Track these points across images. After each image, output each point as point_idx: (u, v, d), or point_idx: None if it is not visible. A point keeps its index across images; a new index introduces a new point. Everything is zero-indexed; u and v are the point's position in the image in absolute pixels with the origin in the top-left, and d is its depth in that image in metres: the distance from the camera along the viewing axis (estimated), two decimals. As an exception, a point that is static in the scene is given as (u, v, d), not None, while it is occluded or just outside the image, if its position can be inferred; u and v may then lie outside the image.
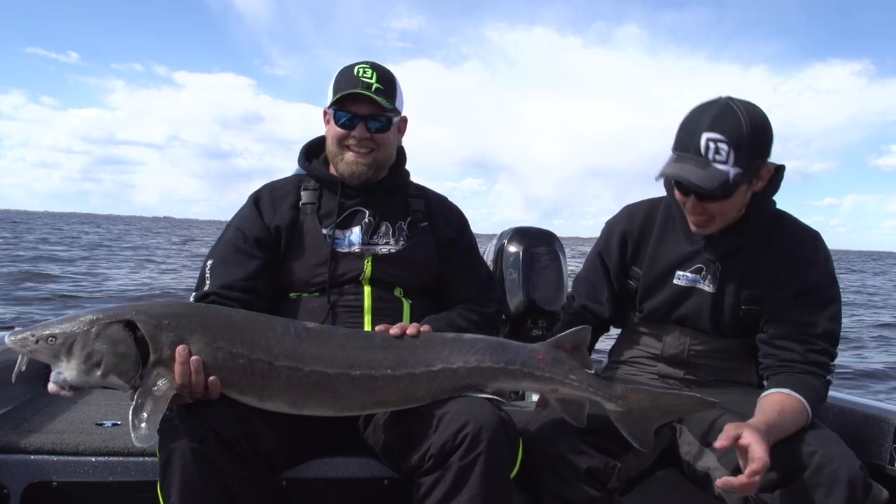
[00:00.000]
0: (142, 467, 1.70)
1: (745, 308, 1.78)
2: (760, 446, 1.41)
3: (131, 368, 1.40)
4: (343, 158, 1.85)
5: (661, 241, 1.88)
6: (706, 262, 1.81)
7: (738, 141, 1.60)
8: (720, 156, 1.60)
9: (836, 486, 1.48)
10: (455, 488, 1.45)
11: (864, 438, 1.91)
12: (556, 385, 1.59)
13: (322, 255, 1.82)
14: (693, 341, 1.86)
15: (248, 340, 1.46)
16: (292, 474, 1.68)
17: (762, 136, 1.65)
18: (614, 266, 1.94)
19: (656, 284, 1.87)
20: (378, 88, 1.80)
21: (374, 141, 1.83)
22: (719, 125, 1.61)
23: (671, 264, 1.85)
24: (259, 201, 1.89)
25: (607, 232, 1.98)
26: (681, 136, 1.68)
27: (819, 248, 1.77)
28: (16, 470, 1.68)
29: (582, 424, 1.60)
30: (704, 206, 1.69)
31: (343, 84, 1.82)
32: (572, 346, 1.63)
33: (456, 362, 1.55)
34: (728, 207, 1.69)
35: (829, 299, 1.73)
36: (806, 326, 1.69)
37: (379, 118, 1.83)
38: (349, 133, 1.83)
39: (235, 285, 1.75)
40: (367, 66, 1.83)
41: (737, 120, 1.61)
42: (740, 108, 1.63)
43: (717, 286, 1.80)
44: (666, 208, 1.89)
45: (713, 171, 1.60)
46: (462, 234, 2.00)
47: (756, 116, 1.63)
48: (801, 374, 1.66)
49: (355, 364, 1.50)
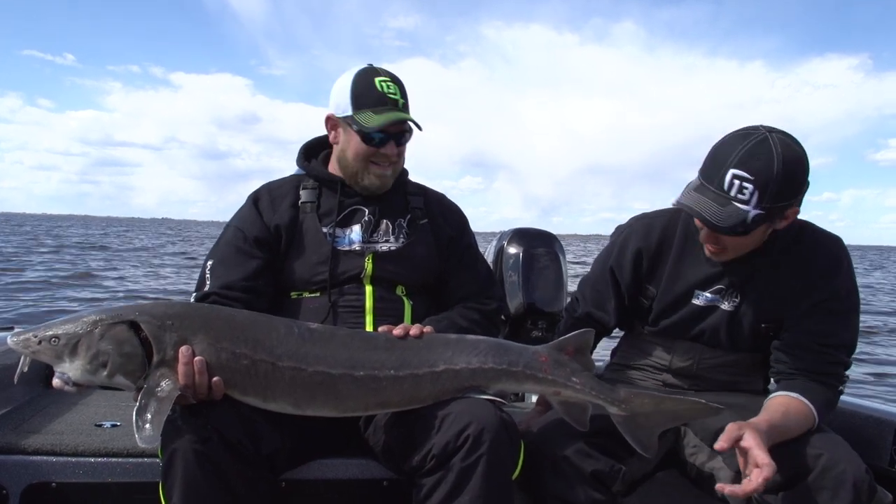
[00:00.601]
0: (141, 468, 1.69)
1: (766, 326, 1.75)
2: (763, 451, 1.39)
3: (137, 369, 1.39)
4: (369, 172, 1.84)
5: (681, 261, 1.82)
6: (727, 283, 1.77)
7: (766, 184, 1.51)
8: (743, 195, 1.52)
9: (841, 489, 1.47)
10: (456, 489, 1.45)
11: (865, 440, 1.91)
12: (558, 388, 1.59)
13: (323, 253, 1.81)
14: (704, 356, 1.84)
15: (252, 341, 1.46)
16: (292, 475, 1.67)
17: (793, 179, 1.53)
18: (626, 282, 1.89)
19: (674, 304, 1.83)
20: (403, 104, 1.81)
21: (399, 155, 1.86)
22: (748, 164, 1.51)
23: (691, 284, 1.80)
24: (258, 201, 1.89)
25: (621, 245, 1.90)
26: (707, 166, 1.59)
27: (841, 255, 1.73)
28: (15, 471, 1.67)
29: (585, 428, 1.59)
30: (718, 238, 1.65)
31: (369, 99, 1.77)
32: (575, 348, 1.62)
33: (459, 363, 1.55)
34: (744, 242, 1.65)
35: (848, 308, 1.70)
36: (822, 335, 1.67)
37: (405, 134, 1.84)
38: (377, 150, 1.81)
39: (236, 285, 1.75)
40: (388, 81, 1.79)
41: (769, 159, 1.51)
42: (776, 146, 1.51)
43: (735, 304, 1.77)
44: (685, 224, 1.83)
45: (731, 209, 1.53)
46: (462, 232, 2.00)
47: (791, 157, 1.52)
48: (813, 381, 1.65)
49: (359, 365, 1.50)
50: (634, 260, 1.86)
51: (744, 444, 1.42)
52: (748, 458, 1.41)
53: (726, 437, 1.43)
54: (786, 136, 1.55)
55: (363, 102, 1.78)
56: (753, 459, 1.40)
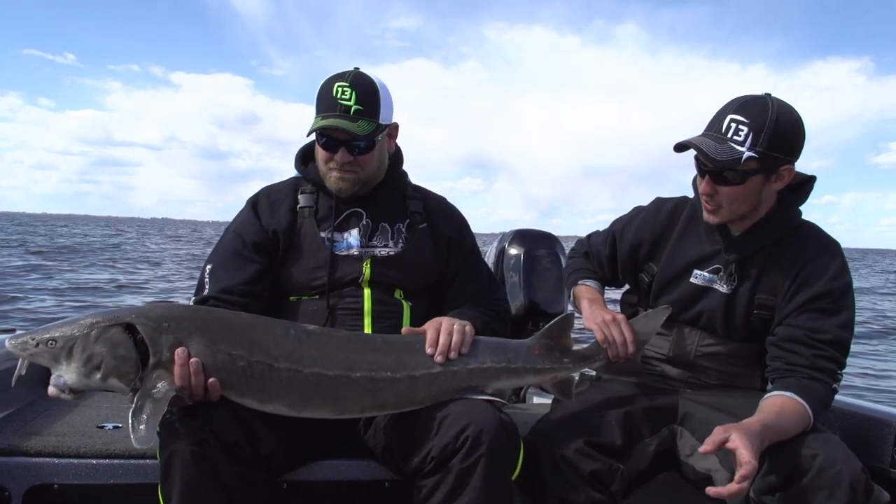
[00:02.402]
0: (142, 470, 1.70)
1: (757, 312, 1.78)
2: (748, 450, 1.40)
3: (131, 371, 1.40)
4: (330, 177, 1.84)
5: (682, 240, 1.90)
6: (724, 262, 1.81)
7: (759, 126, 1.63)
8: (738, 137, 1.64)
9: (837, 489, 1.47)
10: (456, 490, 1.45)
11: (865, 441, 1.90)
12: (555, 373, 1.72)
13: (321, 258, 1.82)
14: (701, 342, 1.86)
15: (248, 342, 1.46)
16: (293, 476, 1.68)
17: (787, 130, 1.66)
18: (622, 254, 1.98)
19: (673, 281, 1.88)
20: (357, 110, 1.75)
21: (356, 163, 1.81)
22: (745, 109, 1.66)
23: (690, 262, 1.86)
24: (257, 205, 1.89)
25: (628, 220, 2.02)
26: (711, 118, 1.72)
27: (836, 256, 1.76)
28: (17, 472, 1.68)
29: (570, 398, 1.76)
30: (716, 188, 1.71)
31: (322, 106, 1.78)
32: (559, 332, 1.75)
33: (456, 364, 1.55)
34: (738, 194, 1.70)
35: (842, 307, 1.71)
36: (816, 332, 1.68)
37: (359, 142, 1.78)
38: (332, 156, 1.80)
39: (234, 289, 1.75)
40: (346, 86, 1.76)
41: (764, 108, 1.65)
42: (773, 102, 1.66)
43: (732, 288, 1.80)
44: (691, 209, 1.91)
45: (727, 147, 1.64)
46: (463, 235, 2.00)
47: (786, 113, 1.66)
48: (807, 379, 1.65)
49: (355, 366, 1.50)
50: (634, 239, 1.96)
51: (730, 445, 1.44)
52: (737, 458, 1.42)
53: (711, 439, 1.45)
54: (784, 101, 1.68)
55: (319, 107, 1.80)
56: (739, 459, 1.41)
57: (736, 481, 1.40)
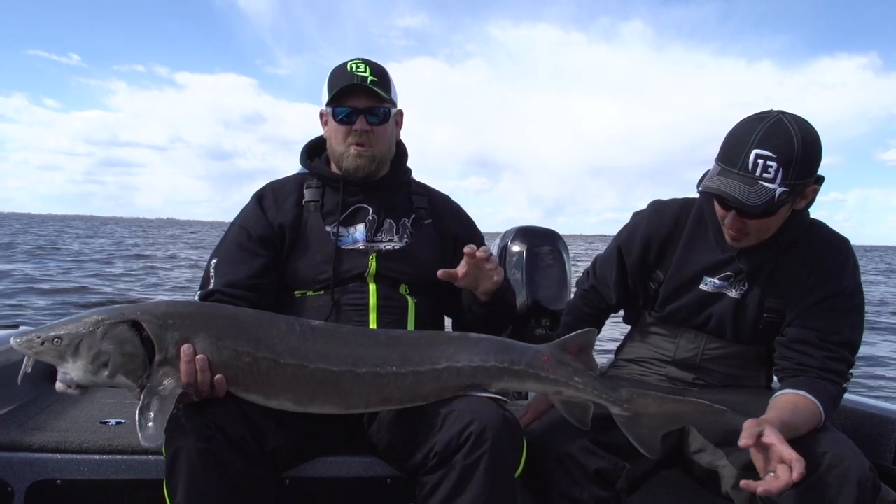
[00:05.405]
0: (145, 465, 1.70)
1: (767, 316, 1.77)
2: (787, 446, 1.37)
3: (139, 368, 1.39)
4: (347, 154, 1.86)
5: (691, 247, 1.84)
6: (736, 270, 1.78)
7: (789, 161, 1.54)
8: (768, 174, 1.54)
9: (845, 486, 1.47)
10: (459, 487, 1.45)
11: (868, 438, 1.90)
12: (560, 387, 1.58)
13: (326, 252, 1.82)
14: (708, 346, 1.85)
15: (253, 338, 1.46)
16: (296, 473, 1.67)
17: (812, 154, 1.58)
18: (632, 264, 1.92)
19: (682, 288, 1.84)
20: (374, 81, 1.83)
21: (374, 135, 1.85)
22: (770, 142, 1.55)
23: (700, 270, 1.82)
24: (262, 199, 1.90)
25: (632, 228, 1.95)
26: (727, 150, 1.61)
27: (848, 256, 1.74)
28: (20, 468, 1.68)
29: (587, 427, 1.59)
30: (744, 222, 1.66)
31: (339, 80, 1.84)
32: (578, 348, 1.61)
33: (461, 361, 1.55)
34: (768, 224, 1.67)
35: (852, 307, 1.70)
36: (826, 333, 1.67)
37: (377, 110, 1.85)
38: (350, 127, 1.84)
39: (240, 283, 1.75)
40: (359, 62, 1.86)
41: (789, 138, 1.55)
42: (792, 125, 1.57)
43: (742, 292, 1.78)
44: (698, 212, 1.86)
45: (759, 188, 1.55)
46: (470, 232, 2.01)
47: (808, 134, 1.57)
48: (818, 379, 1.64)
49: (361, 361, 1.50)
50: (643, 243, 1.90)
51: (765, 440, 1.40)
52: (771, 454, 1.39)
53: (747, 433, 1.40)
54: (797, 117, 1.60)
55: (334, 85, 1.84)
56: (778, 455, 1.37)
57: (795, 479, 1.35)
